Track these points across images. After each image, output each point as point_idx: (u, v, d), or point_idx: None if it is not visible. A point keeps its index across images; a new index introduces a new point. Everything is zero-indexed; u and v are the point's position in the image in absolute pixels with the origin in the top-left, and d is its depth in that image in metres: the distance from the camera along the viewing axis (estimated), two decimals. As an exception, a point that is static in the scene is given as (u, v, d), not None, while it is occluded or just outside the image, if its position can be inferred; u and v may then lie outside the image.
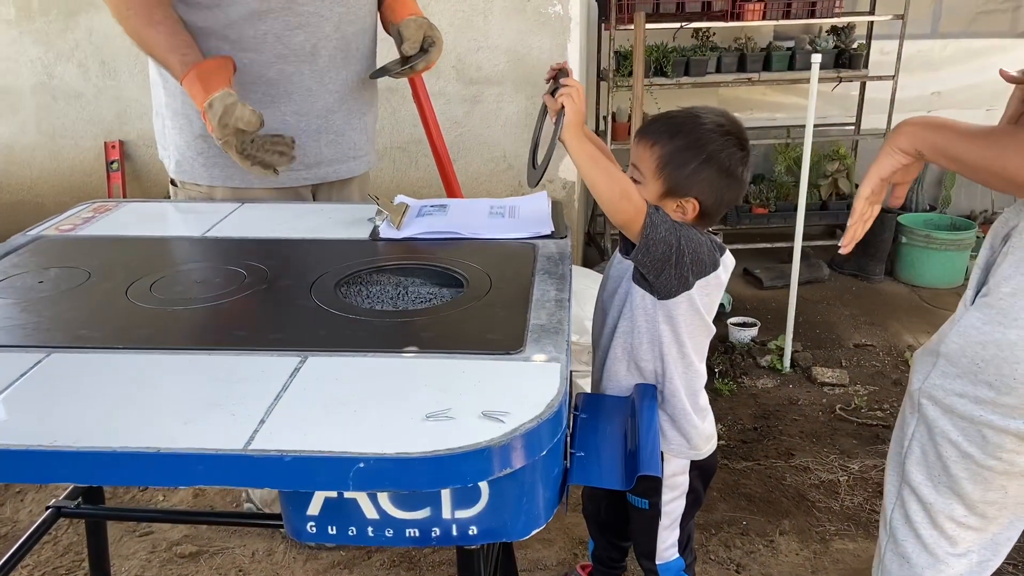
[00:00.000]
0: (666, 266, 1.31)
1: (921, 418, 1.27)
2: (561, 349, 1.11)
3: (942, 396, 1.22)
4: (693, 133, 1.34)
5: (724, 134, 1.35)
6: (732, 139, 1.36)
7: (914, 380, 1.27)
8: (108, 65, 3.40)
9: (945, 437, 1.23)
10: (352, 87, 1.85)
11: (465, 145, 3.34)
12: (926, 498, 1.29)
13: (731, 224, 3.85)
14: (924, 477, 1.28)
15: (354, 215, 1.69)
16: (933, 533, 1.30)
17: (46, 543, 2.06)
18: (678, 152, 1.33)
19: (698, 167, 1.33)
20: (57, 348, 1.12)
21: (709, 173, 1.34)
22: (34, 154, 3.56)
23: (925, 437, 1.27)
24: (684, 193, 1.35)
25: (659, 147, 1.34)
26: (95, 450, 0.90)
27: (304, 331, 1.18)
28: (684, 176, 1.34)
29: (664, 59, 3.67)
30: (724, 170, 1.35)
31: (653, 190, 1.36)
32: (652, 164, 1.35)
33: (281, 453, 0.89)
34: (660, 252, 1.29)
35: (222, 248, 1.52)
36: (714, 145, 1.34)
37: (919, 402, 1.26)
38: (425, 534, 1.09)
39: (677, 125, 1.36)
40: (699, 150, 1.33)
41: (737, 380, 2.91)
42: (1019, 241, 1.16)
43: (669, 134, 1.35)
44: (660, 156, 1.34)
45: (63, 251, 1.50)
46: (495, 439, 0.91)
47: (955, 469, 1.24)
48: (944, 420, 1.23)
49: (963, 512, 1.27)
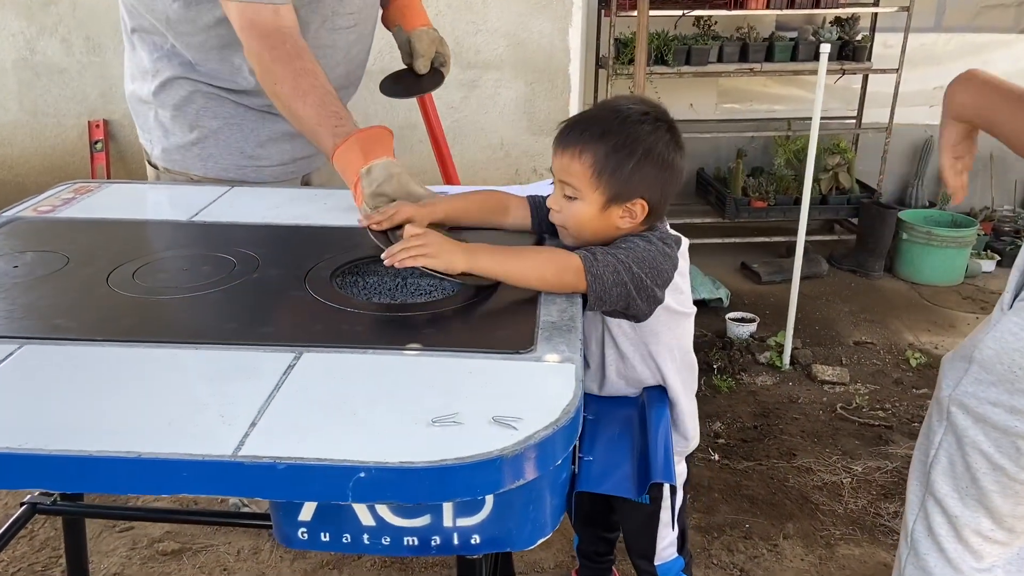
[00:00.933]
0: (629, 301, 1.21)
1: (950, 427, 1.20)
2: (575, 348, 1.04)
3: (975, 404, 1.16)
4: (622, 130, 1.20)
5: (653, 123, 1.22)
6: (662, 126, 1.23)
7: (943, 387, 1.21)
8: (93, 41, 3.29)
9: (976, 448, 1.17)
10: (349, 92, 1.81)
11: (461, 131, 3.25)
12: (952, 510, 1.22)
13: (729, 217, 3.79)
14: (951, 488, 1.22)
15: (350, 201, 1.60)
16: (958, 547, 1.24)
17: (22, 538, 1.98)
18: (612, 154, 1.19)
19: (636, 165, 1.19)
20: (31, 339, 1.04)
21: (650, 169, 1.21)
22: (15, 132, 3.45)
23: (953, 447, 1.21)
24: (629, 197, 1.21)
25: (589, 154, 1.20)
26: (70, 454, 0.82)
27: (298, 325, 1.10)
28: (624, 179, 1.20)
29: (665, 47, 3.59)
30: (663, 162, 1.22)
31: (594, 202, 1.21)
32: (586, 174, 1.20)
33: (274, 460, 0.81)
34: (616, 294, 1.18)
35: (210, 234, 1.43)
36: (648, 139, 1.20)
37: (948, 410, 1.20)
38: (424, 543, 1.02)
39: (601, 124, 1.21)
40: (634, 147, 1.19)
41: (736, 376, 2.86)
42: None
43: (596, 137, 1.20)
44: (593, 164, 1.19)
45: (40, 234, 1.41)
46: (507, 448, 0.84)
47: (985, 482, 1.18)
48: (975, 430, 1.17)
49: (990, 526, 1.21)
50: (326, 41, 1.66)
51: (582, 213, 1.22)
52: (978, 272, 3.75)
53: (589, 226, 1.23)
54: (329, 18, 1.64)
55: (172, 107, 1.68)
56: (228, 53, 1.61)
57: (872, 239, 3.72)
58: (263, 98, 1.62)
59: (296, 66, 1.45)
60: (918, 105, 4.13)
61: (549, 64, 3.16)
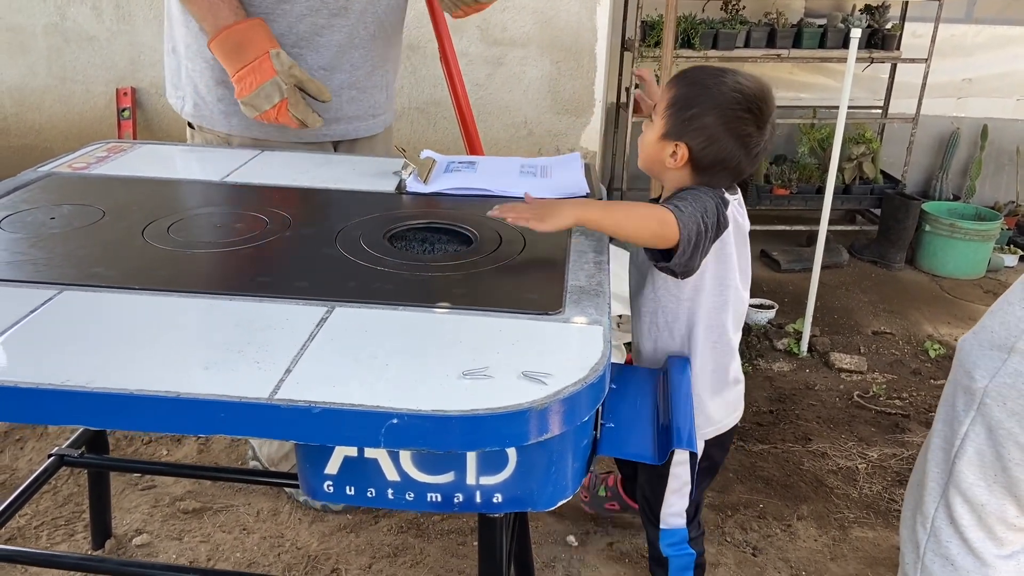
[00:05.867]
0: (695, 251, 1.29)
1: (981, 417, 1.20)
2: (603, 312, 1.05)
3: (1015, 396, 1.15)
4: (707, 88, 1.33)
5: (737, 92, 1.32)
6: (742, 99, 1.32)
7: (976, 377, 1.20)
8: (123, 8, 3.31)
9: (1012, 439, 1.17)
10: (379, 44, 1.79)
11: (485, 109, 3.26)
12: (978, 499, 1.23)
13: (751, 205, 3.75)
14: (978, 478, 1.22)
15: (379, 167, 1.62)
16: (980, 535, 1.24)
17: (45, 492, 2.01)
18: (683, 99, 1.34)
19: (694, 116, 1.32)
20: (70, 285, 1.06)
21: (705, 122, 1.32)
22: (43, 97, 3.48)
23: (983, 437, 1.21)
24: (677, 137, 1.34)
25: (672, 91, 1.36)
26: (110, 391, 0.84)
27: (330, 281, 1.11)
28: (680, 122, 1.33)
29: (692, 30, 3.57)
30: (723, 127, 1.32)
31: (656, 130, 1.37)
32: (662, 104, 1.36)
33: (309, 404, 0.83)
34: (692, 246, 1.27)
35: (242, 193, 1.45)
36: (722, 103, 1.32)
37: (983, 401, 1.20)
38: (447, 499, 1.04)
39: (700, 78, 1.35)
40: (704, 103, 1.32)
41: (753, 362, 2.86)
42: None
43: (686, 84, 1.36)
44: (669, 99, 1.35)
45: (76, 188, 1.43)
46: (537, 401, 0.86)
47: (1017, 472, 1.18)
48: (1012, 421, 1.16)
49: (1015, 513, 1.21)
50: None
51: (647, 136, 1.39)
52: (1001, 266, 3.72)
53: (647, 150, 1.39)
54: None
55: (202, 59, 1.69)
56: None
57: (894, 230, 3.70)
58: (295, 48, 1.65)
59: None
60: (946, 96, 4.10)
61: (576, 43, 3.16)
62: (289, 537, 1.89)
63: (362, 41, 1.73)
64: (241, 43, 1.56)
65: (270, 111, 1.57)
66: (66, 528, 1.90)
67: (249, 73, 1.56)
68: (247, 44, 1.55)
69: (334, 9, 1.66)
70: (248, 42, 1.56)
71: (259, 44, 1.56)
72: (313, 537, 1.89)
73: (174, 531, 1.90)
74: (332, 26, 1.68)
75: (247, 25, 1.57)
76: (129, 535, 1.88)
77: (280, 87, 1.56)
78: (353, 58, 1.73)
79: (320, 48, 1.69)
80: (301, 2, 1.64)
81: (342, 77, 1.73)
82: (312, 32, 1.67)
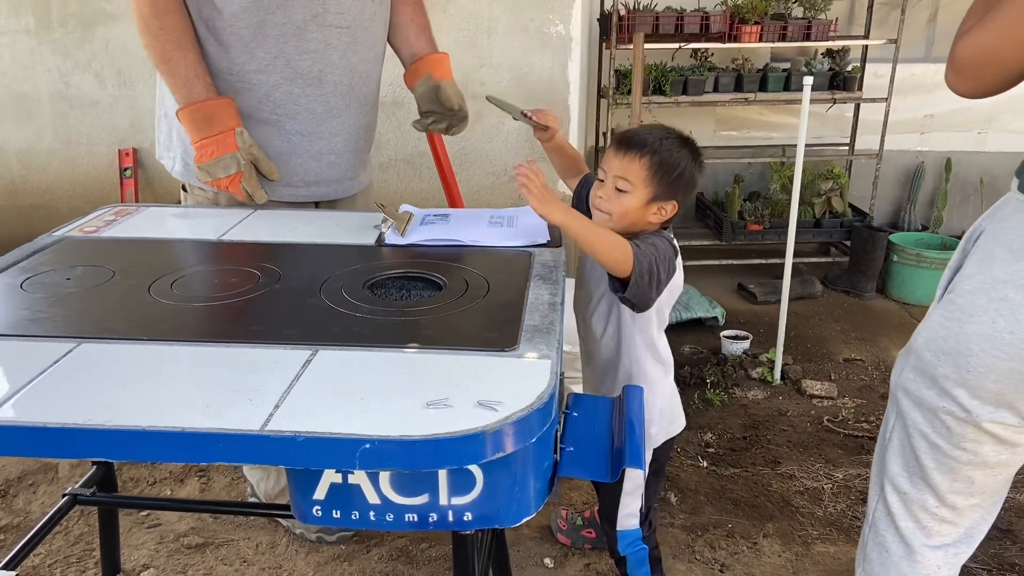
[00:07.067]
0: (649, 286, 1.47)
1: (896, 410, 1.36)
2: (552, 348, 1.20)
3: (914, 389, 1.31)
4: (670, 148, 1.52)
5: (689, 147, 1.54)
6: (693, 151, 1.55)
7: (893, 374, 1.37)
8: (124, 75, 3.51)
9: (916, 428, 1.32)
10: (355, 112, 1.94)
11: (468, 158, 3.45)
12: (902, 488, 1.37)
13: (726, 240, 3.95)
14: (901, 468, 1.37)
15: (361, 222, 1.78)
16: (910, 524, 1.38)
17: (58, 533, 2.14)
18: (663, 163, 1.51)
19: (678, 176, 1.52)
20: (86, 339, 1.21)
21: (683, 181, 1.52)
22: (49, 160, 3.67)
23: (901, 429, 1.36)
24: (666, 198, 1.52)
25: (647, 158, 1.50)
26: (125, 428, 0.98)
27: (315, 327, 1.27)
28: (668, 184, 1.51)
29: (663, 78, 3.78)
30: (691, 178, 1.54)
31: (642, 197, 1.51)
32: (643, 174, 1.50)
33: (295, 434, 0.98)
34: (645, 281, 1.45)
35: (237, 250, 1.61)
36: (686, 159, 1.53)
37: (895, 396, 1.36)
38: (423, 519, 1.18)
39: (656, 140, 1.52)
40: (678, 162, 1.52)
41: (728, 391, 2.99)
42: (983, 243, 1.24)
43: (654, 148, 1.51)
44: (650, 167, 1.50)
45: (88, 251, 1.59)
46: (489, 425, 1.00)
47: (925, 460, 1.33)
48: (916, 412, 1.32)
49: (935, 503, 1.35)
50: (318, 37, 1.81)
51: (629, 204, 1.52)
52: (967, 293, 3.87)
53: (631, 216, 1.53)
54: (319, 14, 1.80)
55: None
56: (254, 46, 1.79)
57: (864, 261, 3.87)
58: (273, 115, 1.82)
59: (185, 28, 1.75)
60: (910, 132, 4.29)
61: (550, 96, 3.36)
62: (287, 568, 2.02)
63: (338, 110, 1.89)
64: (211, 117, 1.74)
65: (223, 180, 1.76)
66: (78, 565, 2.03)
67: (212, 143, 1.74)
68: (216, 118, 1.74)
69: (309, 80, 1.83)
70: (217, 117, 1.74)
71: (226, 120, 1.75)
72: (309, 567, 2.02)
73: (179, 565, 2.02)
74: (308, 95, 1.84)
75: (219, 102, 1.75)
76: (137, 570, 2.01)
77: (239, 161, 1.75)
78: (331, 126, 1.90)
79: (298, 115, 1.85)
80: (277, 72, 1.80)
81: (320, 144, 1.89)
82: (289, 100, 1.83)
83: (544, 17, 3.28)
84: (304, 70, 1.81)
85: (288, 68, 1.80)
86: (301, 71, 1.81)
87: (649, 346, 1.61)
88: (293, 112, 1.84)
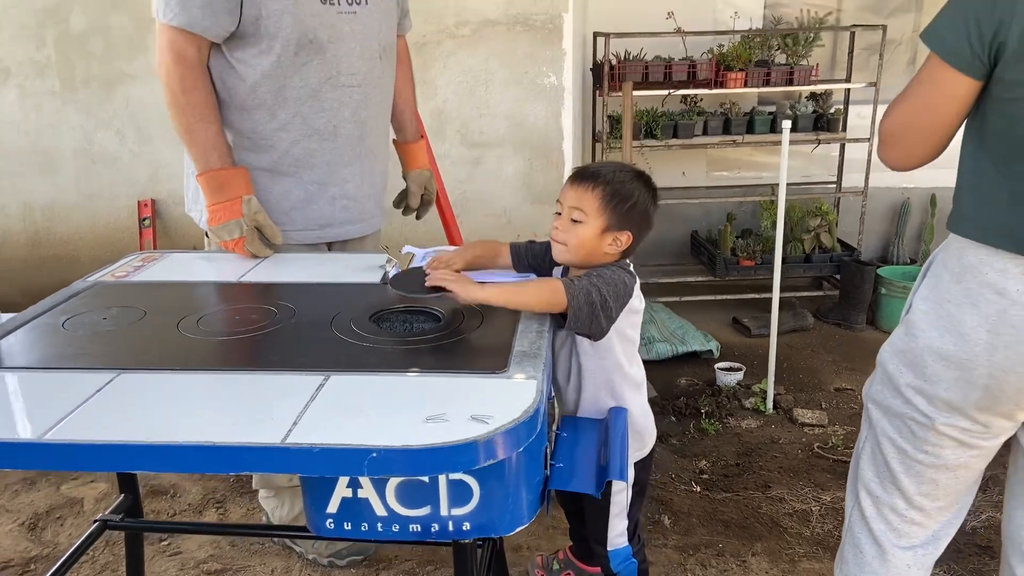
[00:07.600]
0: (593, 317, 1.56)
1: (868, 419, 1.51)
2: (538, 369, 1.35)
3: (881, 399, 1.46)
4: (623, 180, 1.61)
5: (643, 182, 1.64)
6: (647, 186, 1.65)
7: (863, 389, 1.52)
8: (143, 131, 3.72)
9: (885, 435, 1.47)
10: (367, 161, 2.14)
11: (468, 202, 3.62)
12: (875, 492, 1.51)
13: (719, 276, 4.10)
14: (873, 474, 1.51)
15: (367, 263, 1.94)
16: (881, 526, 1.51)
17: (84, 562, 2.27)
18: (616, 194, 1.59)
19: (631, 207, 1.60)
20: (125, 370, 1.36)
21: (637, 214, 1.61)
22: (72, 212, 3.86)
23: (872, 438, 1.50)
24: (620, 228, 1.60)
25: (600, 189, 1.59)
26: (164, 443, 1.13)
27: (327, 356, 1.41)
28: (621, 215, 1.59)
29: (654, 122, 3.97)
30: (645, 211, 1.63)
31: (596, 226, 1.59)
32: (595, 204, 1.58)
33: (311, 446, 1.12)
34: (586, 312, 1.54)
35: (255, 290, 1.77)
36: (639, 191, 1.62)
37: (867, 407, 1.50)
38: (426, 529, 1.32)
39: (609, 173, 1.61)
40: (631, 193, 1.60)
41: (723, 421, 3.11)
42: (934, 268, 1.41)
43: (606, 180, 1.60)
44: (602, 197, 1.58)
45: (120, 294, 1.75)
46: (481, 435, 1.14)
47: (894, 464, 1.47)
48: (884, 420, 1.47)
49: (904, 505, 1.48)
50: (332, 96, 2.00)
51: (584, 234, 1.59)
52: (955, 322, 3.99)
53: (587, 245, 1.60)
54: (333, 76, 1.99)
55: None
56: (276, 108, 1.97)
57: (853, 294, 4.00)
58: (292, 168, 2.01)
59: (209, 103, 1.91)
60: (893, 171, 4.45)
61: (545, 142, 3.55)
62: (301, 591, 2.14)
63: (350, 159, 2.08)
64: (224, 184, 1.92)
65: (229, 242, 1.95)
66: (104, 592, 2.16)
67: (222, 209, 1.92)
68: (228, 186, 1.92)
69: (324, 135, 2.02)
70: (229, 185, 1.92)
71: (237, 188, 1.93)
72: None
73: (199, 590, 2.15)
74: (323, 149, 2.03)
75: (233, 172, 1.93)
76: (160, 595, 2.13)
77: (242, 227, 1.92)
78: (343, 174, 2.08)
79: (314, 167, 2.03)
80: (295, 130, 1.99)
81: (334, 190, 2.07)
82: (306, 155, 2.02)
83: (538, 69, 3.49)
84: (320, 126, 2.00)
85: (305, 126, 1.99)
86: (317, 127, 2.00)
87: (616, 368, 1.69)
88: (310, 164, 2.02)
